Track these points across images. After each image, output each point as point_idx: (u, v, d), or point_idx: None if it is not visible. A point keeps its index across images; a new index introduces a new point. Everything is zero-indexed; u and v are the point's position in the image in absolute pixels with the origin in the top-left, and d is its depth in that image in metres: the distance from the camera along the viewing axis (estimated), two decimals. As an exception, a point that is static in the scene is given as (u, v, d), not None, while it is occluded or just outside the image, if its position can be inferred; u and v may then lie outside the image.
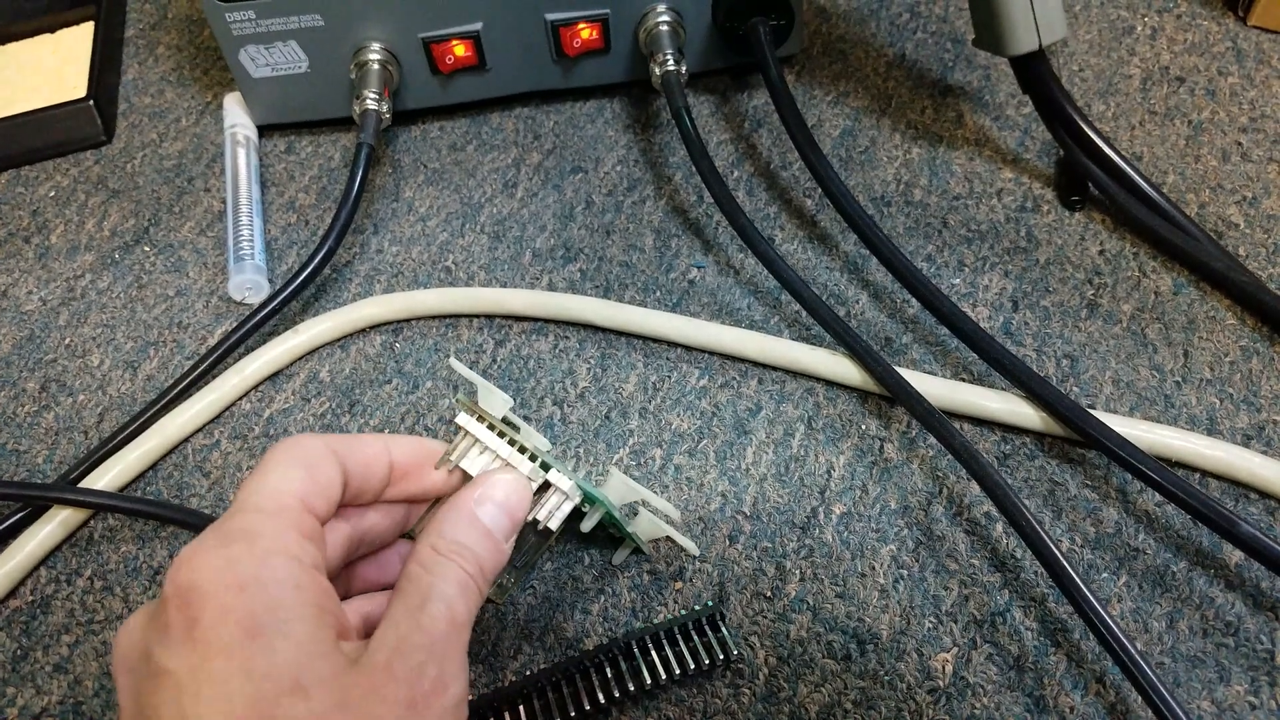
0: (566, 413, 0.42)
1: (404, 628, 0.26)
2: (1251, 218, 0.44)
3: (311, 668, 0.23)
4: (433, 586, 0.27)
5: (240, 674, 0.23)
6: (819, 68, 0.53)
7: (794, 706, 0.34)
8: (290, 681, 0.23)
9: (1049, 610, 0.35)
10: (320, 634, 0.24)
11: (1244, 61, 0.51)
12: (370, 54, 0.49)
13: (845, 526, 0.38)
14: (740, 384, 0.42)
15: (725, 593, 0.36)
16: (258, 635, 0.23)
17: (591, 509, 0.33)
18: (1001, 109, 0.50)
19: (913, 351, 0.42)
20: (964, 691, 0.33)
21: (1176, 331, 0.41)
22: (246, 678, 0.23)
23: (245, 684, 0.23)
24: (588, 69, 0.51)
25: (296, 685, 0.23)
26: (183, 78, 0.58)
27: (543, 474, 0.32)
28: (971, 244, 0.45)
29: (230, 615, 0.23)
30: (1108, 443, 0.36)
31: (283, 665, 0.23)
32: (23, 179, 0.54)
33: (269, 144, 0.53)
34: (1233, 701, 0.33)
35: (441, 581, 0.27)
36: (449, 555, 0.28)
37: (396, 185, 0.51)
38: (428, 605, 0.26)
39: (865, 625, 0.35)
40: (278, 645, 0.23)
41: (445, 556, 0.28)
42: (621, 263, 0.46)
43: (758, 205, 0.48)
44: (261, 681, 0.23)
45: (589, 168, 0.50)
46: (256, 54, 0.49)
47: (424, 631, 0.26)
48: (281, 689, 0.23)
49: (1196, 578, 0.35)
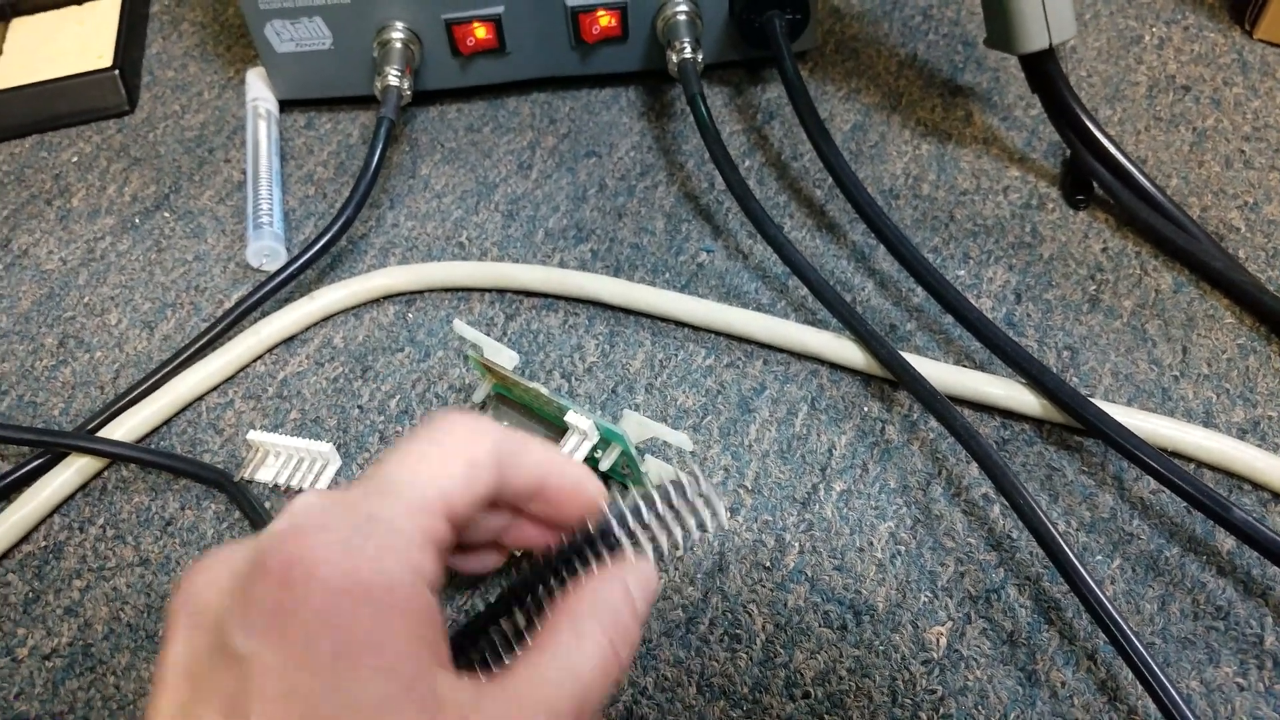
0: (574, 386, 0.42)
1: (548, 670, 0.23)
2: (1252, 222, 0.45)
3: (401, 707, 0.20)
4: (585, 641, 0.24)
5: (320, 695, 0.20)
6: (831, 64, 0.54)
7: (790, 672, 0.34)
8: (371, 716, 0.20)
9: (1043, 589, 0.36)
10: (420, 668, 0.21)
11: (1249, 73, 0.52)
12: (393, 33, 0.50)
13: (845, 503, 0.38)
14: (745, 364, 0.43)
15: (726, 561, 0.37)
16: (358, 657, 0.20)
17: (609, 448, 0.34)
18: (1010, 110, 0.51)
19: (917, 338, 0.43)
20: (957, 664, 0.34)
21: (1176, 328, 0.42)
22: (325, 701, 0.19)
23: (320, 708, 0.19)
24: (605, 56, 0.52)
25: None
26: (206, 53, 0.59)
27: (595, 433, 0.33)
28: (977, 238, 0.46)
29: (332, 622, 0.20)
30: (1106, 429, 0.36)
31: (371, 697, 0.20)
32: (47, 144, 0.55)
33: (289, 119, 0.54)
34: (1221, 682, 0.33)
35: (592, 645, 0.24)
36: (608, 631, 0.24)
37: (414, 163, 0.52)
38: (581, 655, 0.23)
39: (862, 597, 0.36)
40: (371, 673, 0.20)
41: (603, 629, 0.24)
42: (632, 244, 0.47)
43: (768, 194, 0.49)
44: (341, 710, 0.19)
45: (603, 152, 0.51)
46: (282, 29, 0.50)
47: (573, 679, 0.23)
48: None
49: (1189, 563, 0.36)
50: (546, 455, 0.27)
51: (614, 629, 0.24)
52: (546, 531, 0.29)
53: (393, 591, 0.21)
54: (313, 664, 0.20)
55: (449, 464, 0.24)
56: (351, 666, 0.20)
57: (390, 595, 0.21)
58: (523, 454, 0.26)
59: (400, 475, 0.23)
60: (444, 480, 0.24)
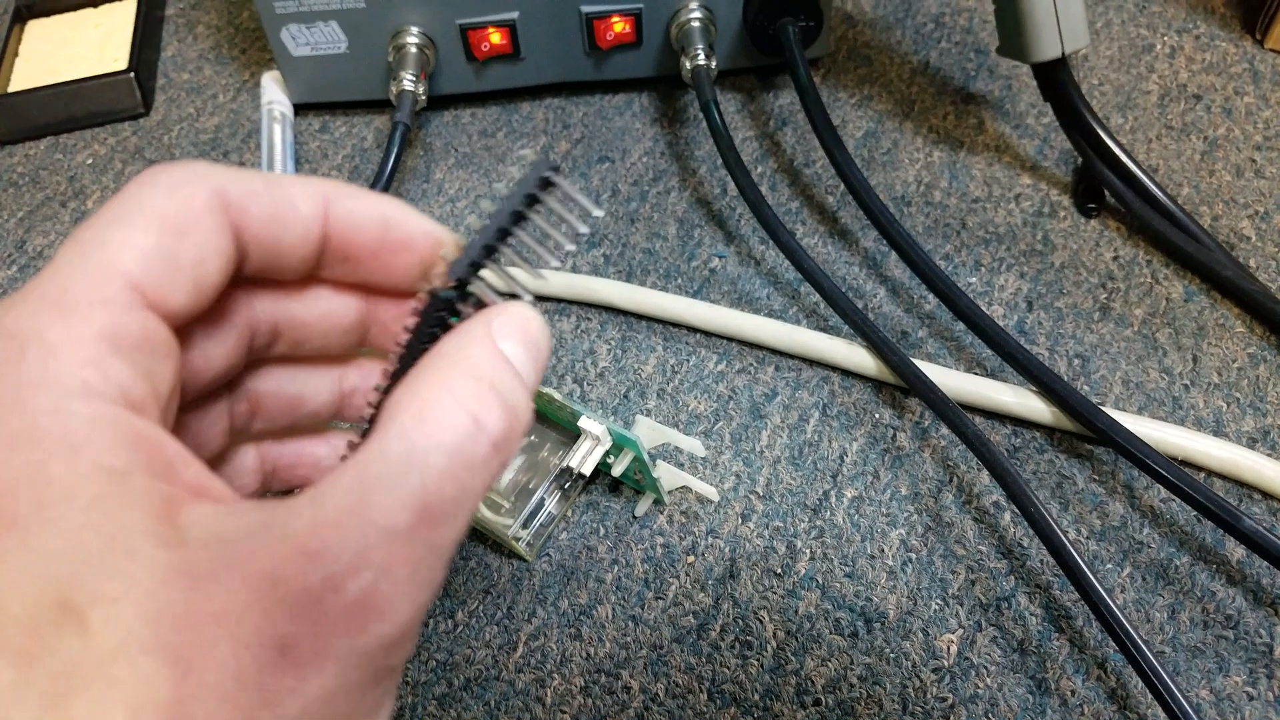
0: (586, 390, 0.43)
1: (355, 478, 0.16)
2: (1263, 231, 0.45)
3: (92, 572, 0.14)
4: (431, 424, 0.17)
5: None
6: (844, 71, 0.54)
7: (801, 679, 0.34)
8: (54, 600, 0.14)
9: (1053, 597, 0.36)
10: (118, 517, 0.15)
11: (1260, 82, 0.52)
12: (408, 38, 0.50)
13: (856, 510, 0.38)
14: (757, 370, 0.43)
15: (737, 568, 0.37)
16: (10, 527, 0.15)
17: (621, 453, 0.34)
18: (1022, 118, 0.51)
19: (928, 345, 0.43)
20: (968, 671, 0.34)
21: (1186, 337, 0.42)
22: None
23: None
24: (619, 62, 0.53)
25: (64, 606, 0.14)
26: (221, 56, 0.59)
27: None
28: (989, 245, 0.46)
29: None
30: (1117, 438, 0.37)
31: (42, 574, 0.14)
32: (61, 146, 0.55)
33: (304, 122, 0.54)
34: (1231, 691, 0.33)
35: (441, 418, 0.17)
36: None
37: (428, 167, 0.52)
38: (416, 457, 0.16)
39: (873, 605, 0.36)
40: (37, 541, 0.15)
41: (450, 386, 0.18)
42: (644, 249, 0.47)
43: (780, 200, 0.49)
44: (10, 600, 0.14)
45: (616, 158, 0.52)
46: (297, 33, 0.50)
47: (394, 487, 0.16)
48: (42, 614, 0.14)
49: (1199, 572, 0.36)
50: (315, 183, 0.20)
51: (472, 393, 0.18)
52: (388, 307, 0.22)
53: (54, 421, 0.16)
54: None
55: (131, 234, 0.18)
56: (13, 537, 0.15)
57: (48, 424, 0.15)
58: (263, 184, 0.20)
59: (61, 270, 0.17)
60: (126, 253, 0.17)
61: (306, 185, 0.20)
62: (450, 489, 0.17)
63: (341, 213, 0.20)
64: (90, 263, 0.17)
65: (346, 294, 0.22)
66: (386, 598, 0.16)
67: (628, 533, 0.38)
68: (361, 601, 0.15)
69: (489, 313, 0.20)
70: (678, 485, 0.37)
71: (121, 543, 0.15)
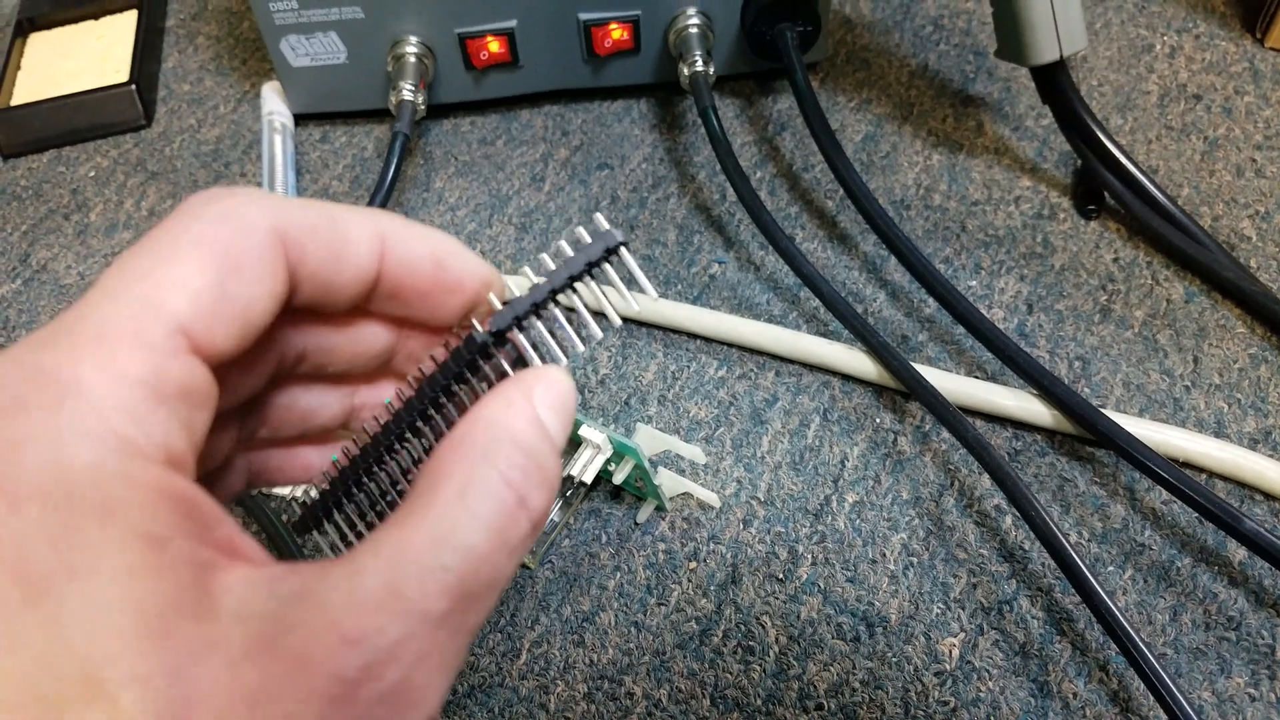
0: (587, 398, 0.43)
1: (393, 560, 0.15)
2: (1264, 231, 0.45)
3: (125, 649, 0.14)
4: (470, 495, 0.16)
5: (16, 670, 0.13)
6: (843, 75, 0.55)
7: (803, 684, 0.34)
8: (83, 677, 0.13)
9: (1055, 600, 0.36)
10: (153, 588, 0.14)
11: (1260, 81, 0.52)
12: (407, 47, 0.50)
13: (857, 514, 0.38)
14: (758, 376, 0.43)
15: (739, 574, 0.37)
16: (42, 596, 0.14)
17: (622, 462, 0.34)
18: (1021, 120, 0.51)
19: (928, 349, 0.43)
20: (970, 675, 0.34)
21: (1187, 338, 0.42)
22: (12, 668, 0.13)
23: (7, 683, 0.13)
24: (617, 69, 0.53)
25: (93, 685, 0.13)
26: (221, 67, 0.60)
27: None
28: (989, 248, 0.46)
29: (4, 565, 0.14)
30: (1118, 441, 0.37)
31: (73, 650, 0.13)
32: (64, 159, 0.55)
33: (304, 133, 0.55)
34: (1233, 693, 0.33)
35: (484, 495, 0.17)
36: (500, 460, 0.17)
37: (428, 176, 0.52)
38: (457, 532, 0.16)
39: (875, 609, 0.36)
40: (69, 613, 0.14)
41: (494, 462, 0.17)
42: (644, 256, 0.48)
43: (779, 205, 0.49)
44: (39, 677, 0.13)
45: (615, 165, 0.52)
46: (297, 43, 0.51)
47: (427, 575, 0.15)
48: (72, 692, 0.13)
49: (1200, 574, 0.36)
50: (373, 216, 0.19)
51: (518, 467, 0.17)
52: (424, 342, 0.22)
53: (90, 477, 0.14)
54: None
55: (181, 271, 0.16)
56: (43, 608, 0.14)
57: (84, 479, 0.14)
58: (324, 219, 0.18)
59: (102, 306, 0.16)
60: (173, 297, 0.16)
61: (364, 222, 0.19)
62: (487, 572, 0.16)
63: (399, 252, 0.19)
64: (135, 299, 0.16)
65: (382, 324, 0.21)
66: (420, 688, 0.15)
67: (630, 539, 0.38)
68: (397, 691, 0.15)
69: (530, 378, 0.19)
70: (679, 492, 0.38)
71: (155, 618, 0.14)
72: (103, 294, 0.16)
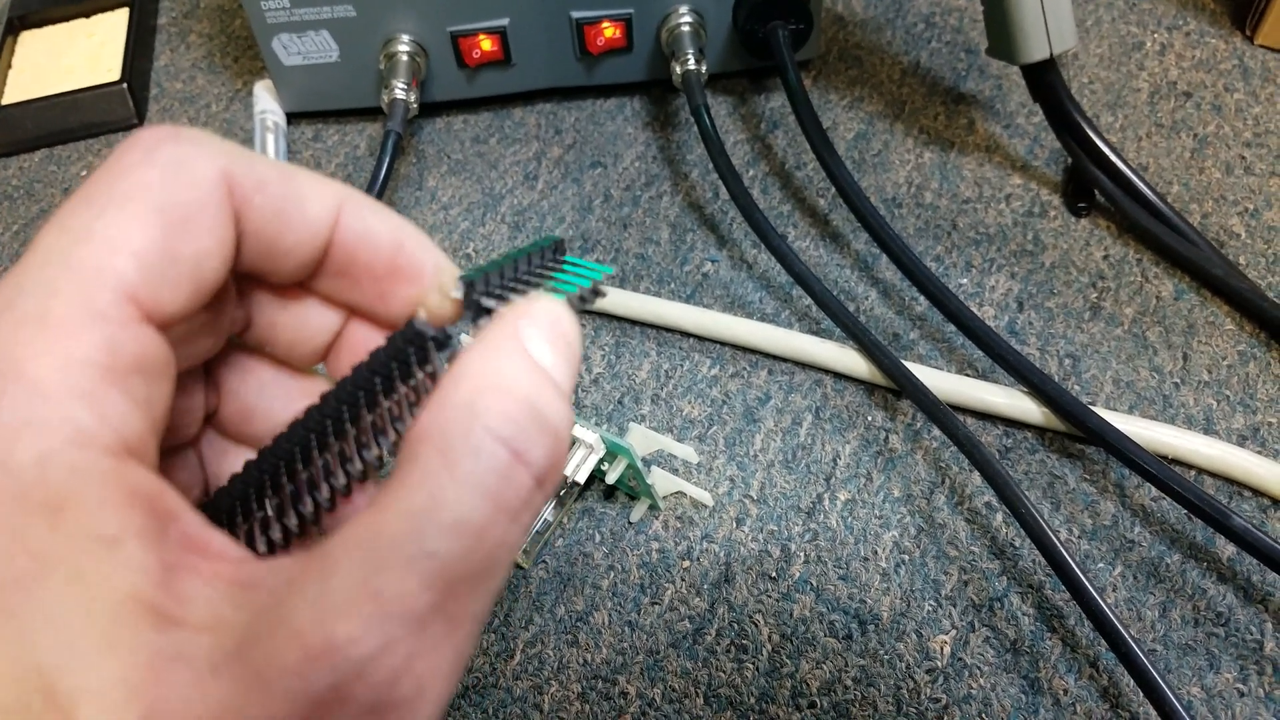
0: (580, 397, 0.43)
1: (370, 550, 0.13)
2: (1253, 228, 0.46)
3: (79, 659, 0.13)
4: (453, 473, 0.14)
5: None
6: (835, 73, 0.55)
7: (796, 682, 0.35)
8: (38, 688, 0.13)
9: (1045, 597, 0.36)
10: (106, 593, 0.13)
11: (1250, 79, 0.52)
12: (399, 45, 0.50)
13: (849, 512, 0.39)
14: (750, 374, 0.43)
15: (732, 572, 0.37)
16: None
17: (615, 461, 0.34)
18: (1012, 118, 0.51)
19: (919, 347, 0.43)
20: (961, 672, 0.35)
21: (1176, 335, 0.42)
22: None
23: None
24: (610, 67, 0.53)
25: (49, 696, 0.12)
26: (213, 65, 0.59)
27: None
28: (979, 246, 0.46)
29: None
30: (1108, 438, 0.37)
31: (26, 660, 0.13)
32: (55, 158, 0.55)
33: (296, 131, 0.55)
34: (1222, 688, 0.34)
35: (475, 457, 0.14)
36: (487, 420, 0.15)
37: (420, 174, 0.52)
38: (435, 514, 0.14)
39: (867, 607, 0.36)
40: (21, 622, 0.13)
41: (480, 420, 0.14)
42: (637, 254, 0.48)
43: (771, 203, 0.49)
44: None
45: (608, 163, 0.52)
46: (289, 42, 0.51)
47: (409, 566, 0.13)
48: (28, 702, 0.12)
49: (1189, 570, 0.36)
50: (331, 186, 0.18)
51: (507, 417, 0.14)
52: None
53: (34, 487, 0.13)
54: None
55: (125, 229, 0.15)
56: (0, 624, 0.13)
57: (30, 495, 0.13)
58: (277, 176, 0.17)
59: (44, 275, 0.14)
60: (118, 261, 0.14)
61: (322, 186, 0.18)
62: (485, 547, 0.14)
63: (354, 224, 0.18)
64: (77, 265, 0.14)
65: (328, 307, 0.20)
66: (407, 700, 0.13)
67: (623, 539, 0.38)
68: (380, 706, 0.13)
69: (512, 313, 0.16)
70: (672, 491, 0.38)
71: (110, 626, 0.13)
72: (43, 259, 0.15)
